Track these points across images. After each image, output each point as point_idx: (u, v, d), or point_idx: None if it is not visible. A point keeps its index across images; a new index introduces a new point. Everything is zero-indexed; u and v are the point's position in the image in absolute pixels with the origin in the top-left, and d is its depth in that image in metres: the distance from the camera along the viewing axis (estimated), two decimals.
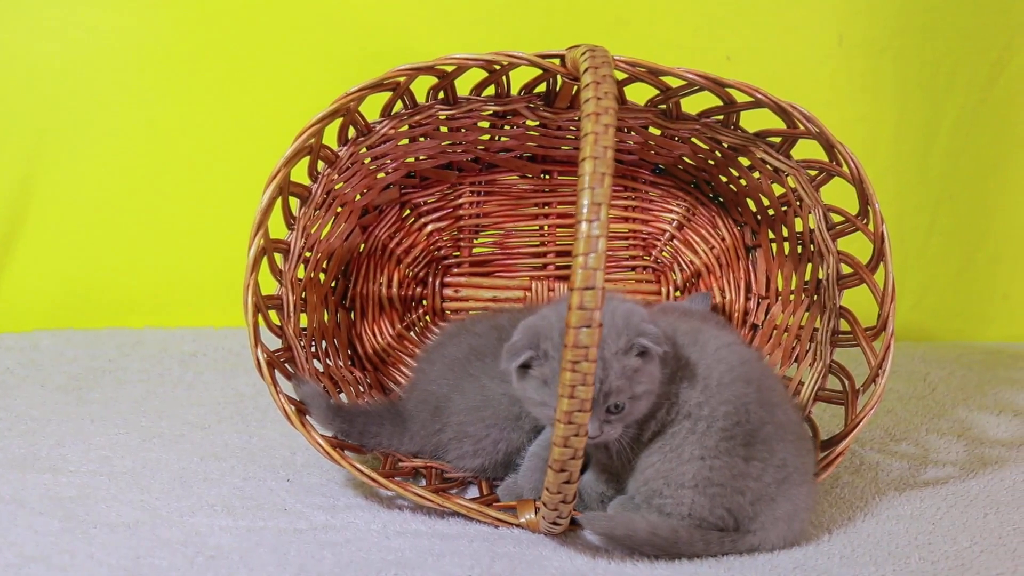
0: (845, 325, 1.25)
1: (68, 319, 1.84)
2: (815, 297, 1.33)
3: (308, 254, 1.28)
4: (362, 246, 1.46)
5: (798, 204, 1.31)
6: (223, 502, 1.12)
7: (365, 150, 1.29)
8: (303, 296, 1.28)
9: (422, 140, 1.36)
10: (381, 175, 1.39)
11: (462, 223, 1.50)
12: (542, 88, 1.28)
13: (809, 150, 1.25)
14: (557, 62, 1.13)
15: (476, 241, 1.52)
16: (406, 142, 1.35)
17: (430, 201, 1.49)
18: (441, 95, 1.27)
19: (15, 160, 1.83)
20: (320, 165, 1.23)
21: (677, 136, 1.35)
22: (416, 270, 1.50)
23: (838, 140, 1.18)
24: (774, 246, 1.42)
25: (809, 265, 1.34)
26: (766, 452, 1.03)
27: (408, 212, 1.49)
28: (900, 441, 1.38)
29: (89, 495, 1.12)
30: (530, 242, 1.52)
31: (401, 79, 1.17)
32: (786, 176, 1.29)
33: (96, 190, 1.85)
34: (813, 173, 1.27)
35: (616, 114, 0.93)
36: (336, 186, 1.29)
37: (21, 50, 1.80)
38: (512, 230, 1.52)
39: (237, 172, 1.82)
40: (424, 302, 1.50)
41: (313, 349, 1.31)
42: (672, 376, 1.04)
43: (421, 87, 1.24)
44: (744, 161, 1.34)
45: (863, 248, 1.21)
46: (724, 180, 1.42)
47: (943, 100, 1.90)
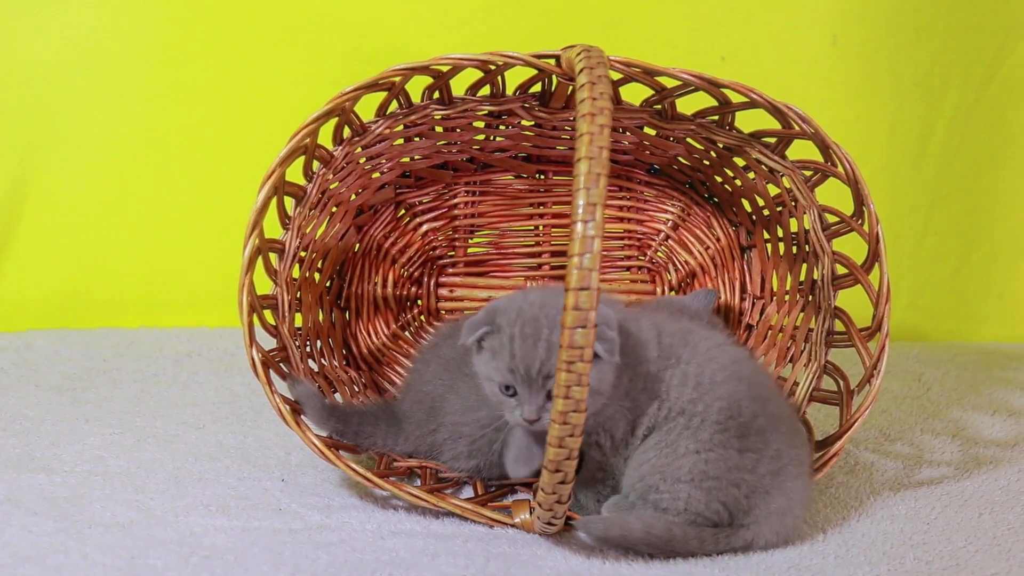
0: (840, 326, 1.25)
1: (62, 319, 1.84)
2: (810, 297, 1.33)
3: (303, 254, 1.28)
4: (357, 246, 1.46)
5: (793, 204, 1.31)
6: (218, 502, 1.12)
7: (360, 150, 1.29)
8: (298, 296, 1.28)
9: (417, 140, 1.36)
10: (376, 175, 1.40)
11: (457, 223, 1.50)
12: (537, 88, 1.29)
13: (804, 151, 1.25)
14: (552, 62, 1.13)
15: (471, 241, 1.52)
16: (401, 142, 1.35)
17: (425, 201, 1.49)
18: (436, 95, 1.27)
19: (10, 160, 1.82)
20: (315, 165, 1.23)
21: (672, 136, 1.35)
22: (411, 270, 1.50)
23: (833, 141, 1.18)
24: (769, 246, 1.42)
25: (804, 265, 1.34)
26: (760, 443, 1.04)
27: (403, 212, 1.49)
28: (895, 441, 1.39)
29: (84, 495, 1.12)
30: (525, 242, 1.52)
31: (396, 79, 1.17)
32: (781, 176, 1.29)
33: (91, 190, 1.84)
34: (808, 173, 1.27)
35: (611, 114, 0.93)
36: (331, 186, 1.29)
37: (15, 50, 1.80)
38: (507, 230, 1.52)
39: (232, 172, 1.82)
40: (419, 302, 1.50)
41: (308, 349, 1.31)
42: (658, 375, 1.05)
43: (416, 87, 1.24)
44: (739, 161, 1.34)
45: (858, 248, 1.21)
46: (719, 180, 1.42)
47: (938, 100, 1.90)
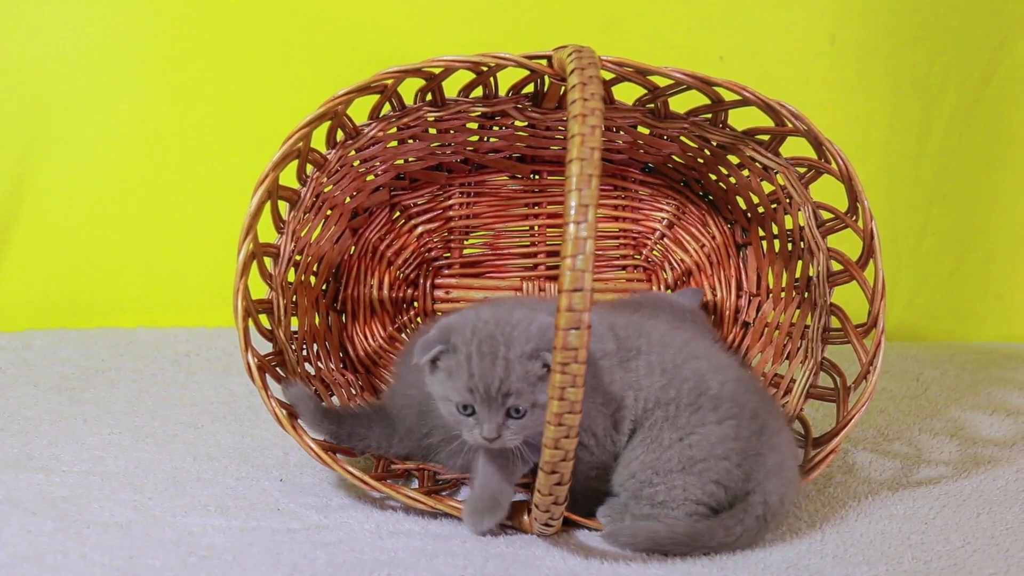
0: (836, 322, 1.25)
1: (61, 319, 1.84)
2: (806, 294, 1.33)
3: (298, 257, 1.28)
4: (352, 249, 1.46)
5: (787, 201, 1.31)
6: (216, 502, 1.12)
7: (354, 153, 1.29)
8: (294, 299, 1.28)
9: (411, 142, 1.37)
10: (370, 177, 1.40)
11: (452, 224, 1.50)
12: (530, 89, 1.29)
13: (798, 147, 1.25)
14: (544, 63, 1.13)
15: (466, 242, 1.52)
16: (395, 144, 1.35)
17: (420, 203, 1.49)
18: (429, 97, 1.28)
19: (8, 160, 1.83)
20: (309, 168, 1.23)
21: (666, 135, 1.35)
22: (407, 272, 1.50)
23: (826, 137, 1.18)
24: (764, 244, 1.42)
25: (799, 262, 1.34)
26: (735, 408, 1.05)
27: (398, 214, 1.49)
28: (893, 441, 1.38)
29: (82, 495, 1.12)
30: (520, 242, 1.53)
31: (388, 82, 1.17)
32: (775, 174, 1.30)
33: (89, 190, 1.85)
34: (802, 170, 1.27)
35: (603, 115, 0.93)
36: (325, 189, 1.29)
37: (13, 52, 1.81)
38: (502, 231, 1.52)
39: (230, 172, 1.82)
40: (415, 304, 1.51)
41: (304, 352, 1.31)
42: (624, 366, 1.06)
43: (409, 89, 1.24)
44: (733, 159, 1.34)
45: (853, 245, 1.21)
46: (713, 178, 1.42)
47: (936, 100, 1.90)
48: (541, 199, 1.52)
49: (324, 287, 1.42)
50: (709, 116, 1.28)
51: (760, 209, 1.39)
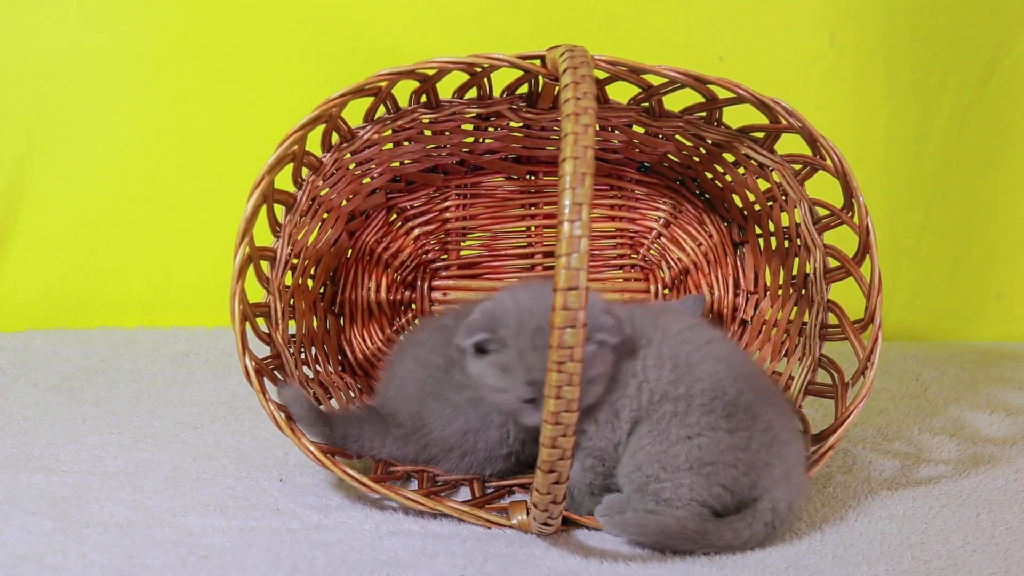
0: (833, 319, 1.25)
1: (61, 319, 1.85)
2: (803, 291, 1.33)
3: (295, 261, 1.28)
4: (349, 251, 1.46)
5: (783, 199, 1.31)
6: (216, 502, 1.12)
7: (349, 155, 1.29)
8: (291, 303, 1.28)
9: (406, 144, 1.36)
10: (366, 180, 1.40)
11: (449, 226, 1.50)
12: (524, 89, 1.29)
13: (792, 145, 1.25)
14: (537, 63, 1.13)
15: (463, 244, 1.52)
16: (390, 146, 1.35)
17: (416, 205, 1.49)
18: (423, 99, 1.27)
19: (8, 161, 1.83)
20: (304, 171, 1.23)
21: (661, 134, 1.35)
22: (404, 274, 1.50)
23: (821, 134, 1.18)
24: (761, 241, 1.42)
25: (796, 259, 1.34)
26: (749, 420, 1.04)
27: (395, 216, 1.49)
28: (893, 440, 1.38)
29: (82, 495, 1.12)
30: (517, 243, 1.53)
31: (383, 84, 1.17)
32: (771, 171, 1.29)
33: (88, 190, 1.85)
34: (797, 167, 1.27)
35: (596, 113, 0.93)
36: (321, 192, 1.28)
37: (13, 52, 1.82)
38: (499, 232, 1.52)
39: (229, 172, 1.83)
40: (413, 306, 1.51)
41: (302, 355, 1.31)
42: (632, 352, 1.07)
43: (403, 91, 1.24)
44: (728, 157, 1.34)
45: (849, 241, 1.21)
46: (709, 177, 1.42)
47: (935, 100, 1.90)
48: (537, 200, 1.52)
49: (321, 290, 1.42)
50: (704, 114, 1.27)
51: (756, 207, 1.39)
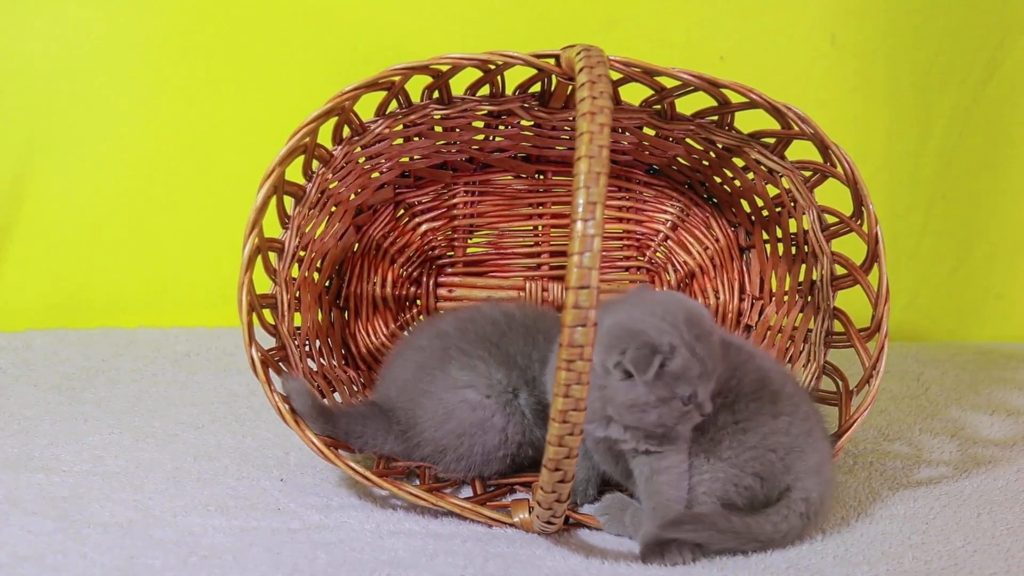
0: (839, 326, 1.25)
1: (61, 319, 1.84)
2: (809, 298, 1.33)
3: (302, 253, 1.28)
4: (356, 245, 1.46)
5: (792, 205, 1.31)
6: (217, 502, 1.12)
7: (360, 149, 1.29)
8: (297, 295, 1.28)
9: (416, 140, 1.36)
10: (375, 174, 1.40)
11: (456, 223, 1.50)
12: (537, 88, 1.29)
13: (803, 151, 1.25)
14: (552, 62, 1.13)
15: (470, 241, 1.52)
16: (400, 141, 1.35)
17: (424, 201, 1.49)
18: (436, 95, 1.27)
19: (8, 160, 1.82)
20: (315, 164, 1.23)
21: (671, 137, 1.35)
22: (410, 270, 1.50)
23: (832, 141, 1.18)
24: (768, 247, 1.42)
25: (803, 266, 1.34)
26: (791, 407, 1.06)
27: (402, 212, 1.49)
28: (893, 441, 1.39)
29: (82, 495, 1.12)
30: (524, 242, 1.52)
31: (396, 78, 1.17)
32: (780, 177, 1.29)
33: (89, 189, 1.84)
34: (807, 174, 1.27)
35: (611, 114, 0.93)
36: (330, 185, 1.29)
37: (12, 50, 1.80)
38: (506, 230, 1.52)
39: (231, 171, 1.82)
40: (418, 302, 1.50)
41: (307, 348, 1.31)
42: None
43: (416, 86, 1.24)
44: (738, 162, 1.34)
45: (857, 249, 1.21)
46: (718, 181, 1.42)
47: (936, 99, 1.90)
48: (545, 199, 1.51)
49: (327, 283, 1.41)
50: (715, 118, 1.27)
51: (764, 212, 1.39)
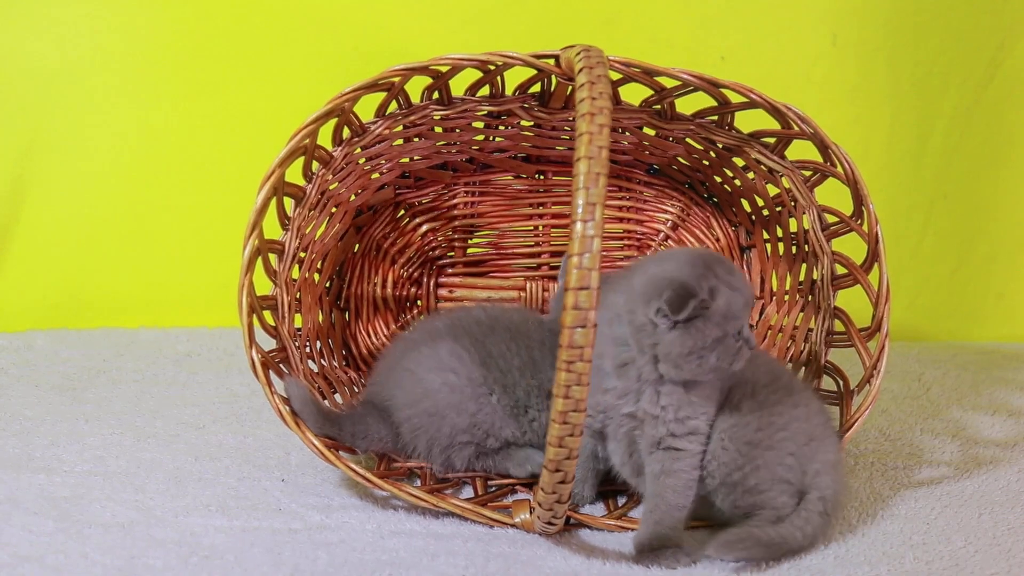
0: (840, 326, 1.25)
1: (62, 319, 1.84)
2: (809, 298, 1.33)
3: (303, 254, 1.28)
4: (356, 246, 1.46)
5: (792, 204, 1.31)
6: (218, 502, 1.12)
7: (359, 150, 1.29)
8: (297, 296, 1.28)
9: (416, 140, 1.36)
10: (375, 175, 1.40)
11: (456, 223, 1.50)
12: (536, 88, 1.29)
13: (803, 150, 1.25)
14: (552, 62, 1.13)
15: (470, 241, 1.52)
16: (400, 142, 1.35)
17: (424, 201, 1.49)
18: (436, 95, 1.28)
19: (9, 160, 1.82)
20: (315, 165, 1.23)
21: (672, 136, 1.35)
22: (410, 270, 1.50)
23: (832, 141, 1.18)
24: (768, 246, 1.42)
25: (804, 265, 1.34)
26: (806, 399, 1.08)
27: (402, 212, 1.49)
28: (894, 441, 1.38)
29: (83, 495, 1.12)
30: (524, 242, 1.53)
31: (396, 79, 1.17)
32: (780, 176, 1.29)
33: (90, 190, 1.85)
34: (807, 174, 1.27)
35: (611, 114, 0.93)
36: (330, 186, 1.29)
37: (13, 51, 1.80)
38: (507, 230, 1.52)
39: (231, 172, 1.83)
40: (419, 302, 1.50)
41: (308, 349, 1.31)
42: None
43: (416, 87, 1.24)
44: (739, 161, 1.34)
45: (857, 248, 1.21)
46: (719, 180, 1.42)
47: (937, 100, 1.90)
48: (546, 199, 1.51)
49: (328, 284, 1.42)
50: (715, 118, 1.27)
51: (765, 212, 1.39)
